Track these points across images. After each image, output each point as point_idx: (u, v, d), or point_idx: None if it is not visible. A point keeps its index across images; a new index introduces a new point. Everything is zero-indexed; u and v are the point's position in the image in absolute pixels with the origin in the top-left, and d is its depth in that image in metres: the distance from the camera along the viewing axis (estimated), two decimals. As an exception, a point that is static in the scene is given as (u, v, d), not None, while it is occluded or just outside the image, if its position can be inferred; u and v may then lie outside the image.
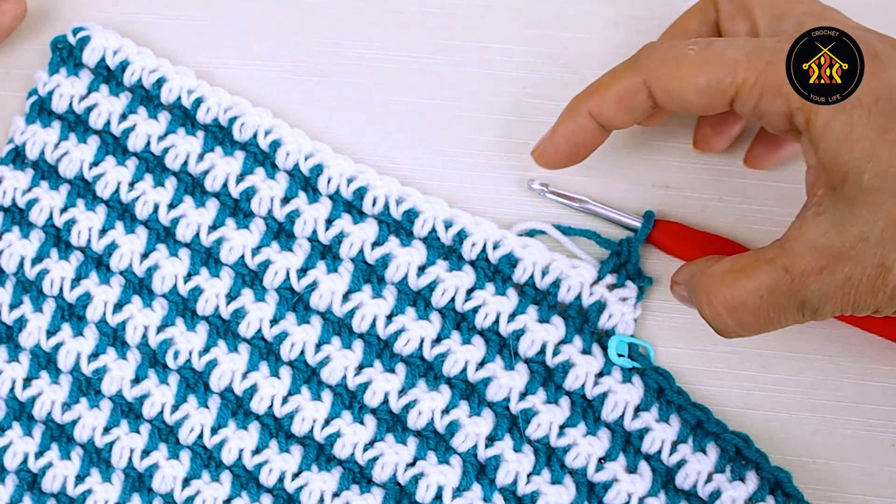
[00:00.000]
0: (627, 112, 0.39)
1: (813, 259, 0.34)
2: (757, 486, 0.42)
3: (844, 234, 0.33)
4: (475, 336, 0.45)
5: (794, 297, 0.35)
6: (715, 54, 0.36)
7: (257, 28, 0.50)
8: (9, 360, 0.47)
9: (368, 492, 0.45)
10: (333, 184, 0.46)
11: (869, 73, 0.34)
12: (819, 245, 0.34)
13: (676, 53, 0.37)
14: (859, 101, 0.33)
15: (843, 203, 0.34)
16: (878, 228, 0.33)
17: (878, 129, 0.33)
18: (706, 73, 0.36)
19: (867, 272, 0.33)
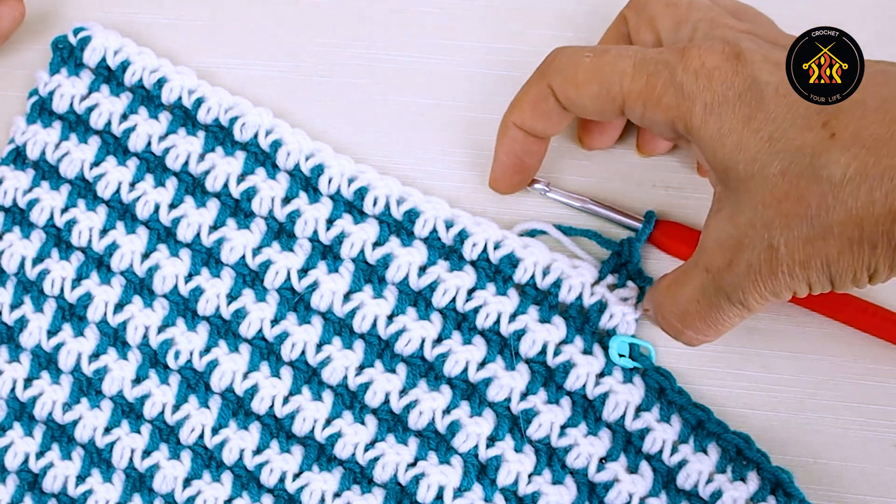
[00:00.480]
0: (544, 117, 0.42)
1: (721, 254, 0.36)
2: (758, 486, 0.42)
3: (737, 224, 0.35)
4: (476, 336, 0.45)
5: (720, 293, 0.37)
6: (607, 63, 0.39)
7: (258, 28, 0.50)
8: (10, 360, 0.47)
9: (369, 492, 0.45)
10: (334, 184, 0.46)
11: (733, 70, 0.35)
12: (722, 239, 0.36)
13: (575, 60, 0.39)
14: (725, 99, 0.35)
15: (732, 196, 0.36)
16: (760, 212, 0.34)
17: (742, 120, 0.35)
18: (598, 81, 0.39)
19: (762, 256, 0.35)
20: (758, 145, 0.34)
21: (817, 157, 0.33)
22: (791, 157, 0.33)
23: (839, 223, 0.33)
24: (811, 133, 0.33)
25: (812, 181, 0.33)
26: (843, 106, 0.33)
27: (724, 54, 0.36)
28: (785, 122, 0.34)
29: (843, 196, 0.32)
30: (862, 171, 0.32)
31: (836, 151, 0.33)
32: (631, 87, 0.38)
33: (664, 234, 0.46)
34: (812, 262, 0.34)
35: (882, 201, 0.32)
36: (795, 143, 0.33)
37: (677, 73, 0.36)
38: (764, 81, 0.35)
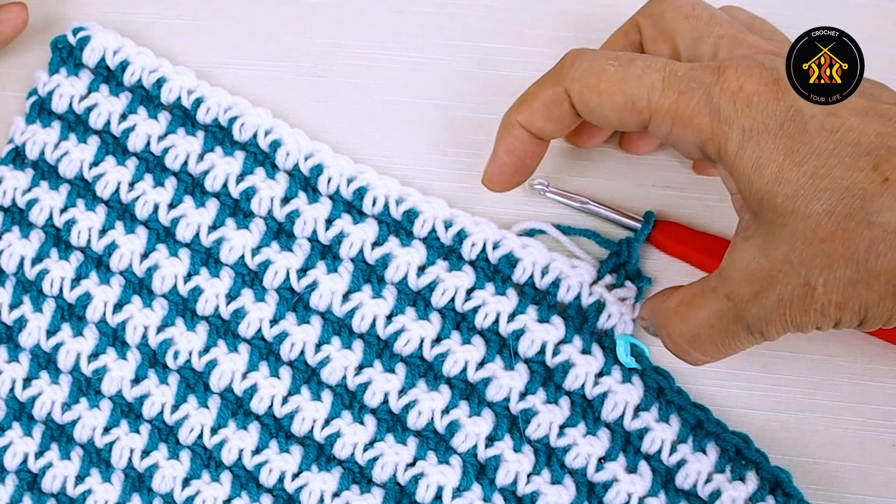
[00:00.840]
0: (555, 121, 0.40)
1: (748, 284, 0.35)
2: (757, 485, 0.42)
3: (771, 258, 0.34)
4: (475, 336, 0.45)
5: (740, 322, 0.36)
6: (633, 75, 0.37)
7: (257, 28, 0.50)
8: (9, 360, 0.47)
9: (368, 492, 0.45)
10: (333, 184, 0.46)
11: (773, 98, 0.34)
12: (750, 270, 0.35)
13: (597, 67, 0.37)
14: (766, 127, 0.34)
15: (765, 227, 0.35)
16: (798, 249, 0.33)
17: (784, 151, 0.34)
18: (623, 92, 0.37)
19: (796, 292, 0.34)
20: (800, 180, 0.33)
21: (869, 201, 0.32)
22: (838, 198, 0.32)
23: (888, 271, 0.32)
24: (861, 174, 0.32)
25: (862, 225, 0.32)
26: (893, 149, 0.32)
27: (763, 79, 0.34)
28: (831, 158, 0.33)
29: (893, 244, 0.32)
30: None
31: (891, 198, 0.32)
32: (660, 102, 0.36)
33: (663, 235, 0.46)
34: (849, 304, 0.33)
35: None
36: (843, 183, 0.32)
37: (713, 94, 0.35)
38: (808, 114, 0.33)
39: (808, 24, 0.37)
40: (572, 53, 0.39)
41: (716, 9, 0.40)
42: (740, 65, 0.35)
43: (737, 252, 0.36)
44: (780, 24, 0.48)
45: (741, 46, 0.38)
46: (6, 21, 0.48)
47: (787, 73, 0.35)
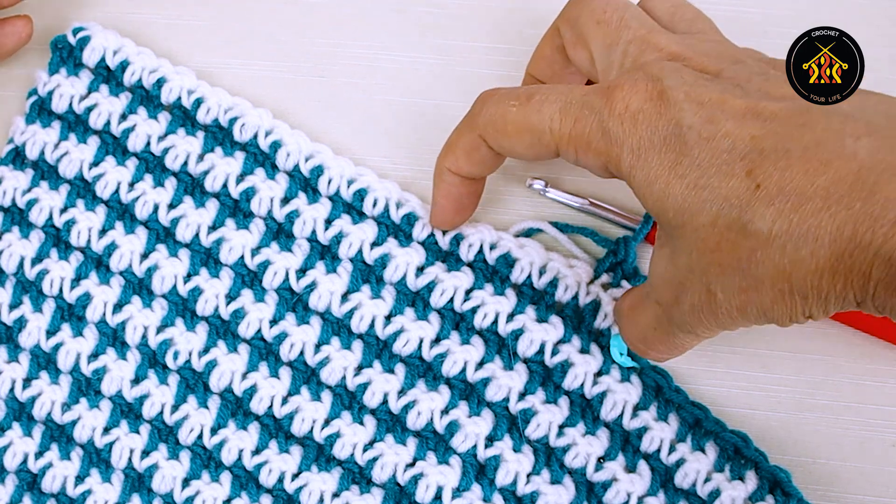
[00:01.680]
0: (479, 164, 0.42)
1: (667, 291, 0.36)
2: (756, 485, 0.42)
3: (677, 266, 0.35)
4: (474, 336, 0.45)
5: (673, 324, 0.37)
6: (533, 111, 0.38)
7: (257, 28, 0.50)
8: (8, 360, 0.47)
9: (368, 492, 0.45)
10: (333, 185, 0.46)
11: (656, 113, 0.35)
12: (665, 278, 0.36)
13: (502, 111, 0.39)
14: (651, 144, 0.35)
15: (669, 238, 0.36)
16: (695, 258, 0.34)
17: (668, 166, 0.34)
18: (528, 130, 0.38)
19: (703, 298, 0.35)
20: (684, 193, 0.34)
21: (744, 210, 0.32)
22: (719, 208, 0.33)
23: (769, 277, 0.32)
24: (736, 181, 0.33)
25: (741, 234, 0.33)
26: (765, 152, 0.32)
27: (647, 93, 0.35)
28: (710, 168, 0.33)
29: (771, 252, 0.32)
30: (787, 228, 0.31)
31: (761, 205, 0.32)
32: (561, 132, 0.37)
33: (663, 234, 0.46)
34: (748, 308, 0.34)
35: (808, 259, 0.31)
36: (721, 193, 0.33)
37: (604, 118, 0.36)
38: (686, 125, 0.34)
39: (808, 24, 0.37)
40: (481, 97, 0.41)
41: (629, 6, 0.40)
42: (627, 83, 0.36)
43: (654, 259, 0.37)
44: (781, 24, 0.48)
45: (647, 50, 0.38)
46: (10, 34, 0.48)
47: (787, 73, 0.35)
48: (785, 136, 0.32)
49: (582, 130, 0.36)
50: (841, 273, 0.31)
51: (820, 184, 0.31)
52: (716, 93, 0.34)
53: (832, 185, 0.31)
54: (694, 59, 0.37)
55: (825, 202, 0.31)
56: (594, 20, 0.40)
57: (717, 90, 0.35)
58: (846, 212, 0.31)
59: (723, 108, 0.34)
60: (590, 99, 0.36)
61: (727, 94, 0.34)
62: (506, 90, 0.40)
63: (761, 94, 0.34)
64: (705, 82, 0.35)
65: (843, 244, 0.31)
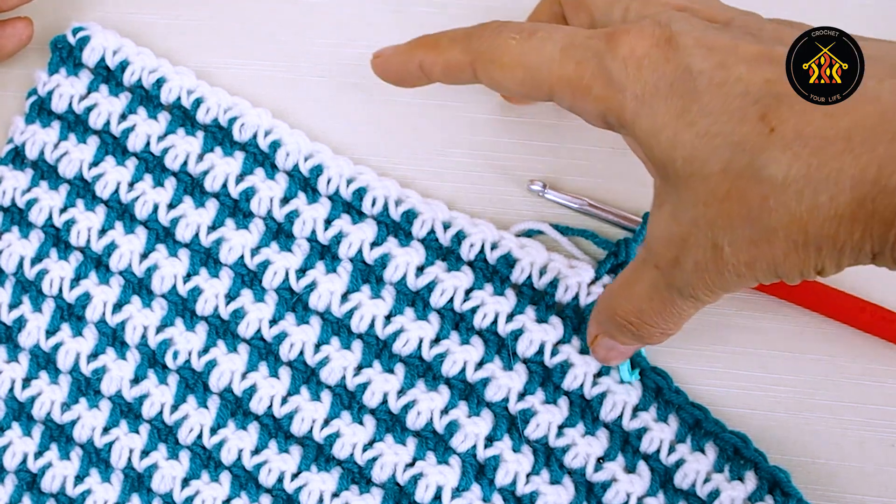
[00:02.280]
0: (453, 80, 0.40)
1: (667, 251, 0.35)
2: (756, 485, 0.42)
3: (681, 222, 0.34)
4: (474, 336, 0.45)
5: (671, 289, 0.35)
6: (533, 48, 0.36)
7: (257, 28, 0.50)
8: (8, 360, 0.47)
9: (367, 492, 0.45)
10: (333, 184, 0.46)
11: (663, 58, 0.33)
12: (667, 237, 0.34)
13: (500, 42, 0.37)
14: (657, 90, 0.33)
15: (673, 191, 0.34)
16: (702, 211, 0.33)
17: (676, 113, 0.33)
18: (523, 66, 0.36)
19: (708, 255, 0.33)
20: (694, 141, 0.32)
21: (757, 155, 0.31)
22: (730, 154, 0.31)
23: (783, 226, 0.31)
24: (748, 126, 0.31)
25: (752, 181, 0.31)
26: (781, 96, 0.31)
27: (654, 39, 0.34)
28: (722, 115, 0.32)
29: (786, 199, 0.31)
30: (805, 173, 0.30)
31: (776, 150, 0.31)
32: (559, 73, 0.35)
33: (662, 234, 0.46)
34: (757, 263, 0.32)
35: (827, 205, 0.30)
36: (733, 139, 0.31)
37: (606, 61, 0.34)
38: (697, 70, 0.32)
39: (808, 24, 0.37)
40: (481, 26, 0.39)
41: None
42: (633, 28, 0.34)
43: (654, 219, 0.36)
44: (780, 23, 0.48)
45: (650, 5, 0.36)
46: (10, 36, 0.48)
47: (787, 73, 0.35)
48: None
49: (582, 74, 0.35)
50: (861, 220, 0.30)
51: (842, 126, 0.30)
52: (727, 38, 0.33)
53: (854, 128, 0.30)
54: (701, 11, 0.36)
55: (847, 144, 0.30)
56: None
57: (728, 36, 0.33)
58: (870, 154, 0.29)
59: (735, 52, 0.32)
60: (593, 42, 0.35)
61: (739, 39, 0.33)
62: (512, 23, 0.38)
63: (775, 40, 0.33)
64: (715, 30, 0.34)
65: (865, 188, 0.29)
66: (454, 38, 0.40)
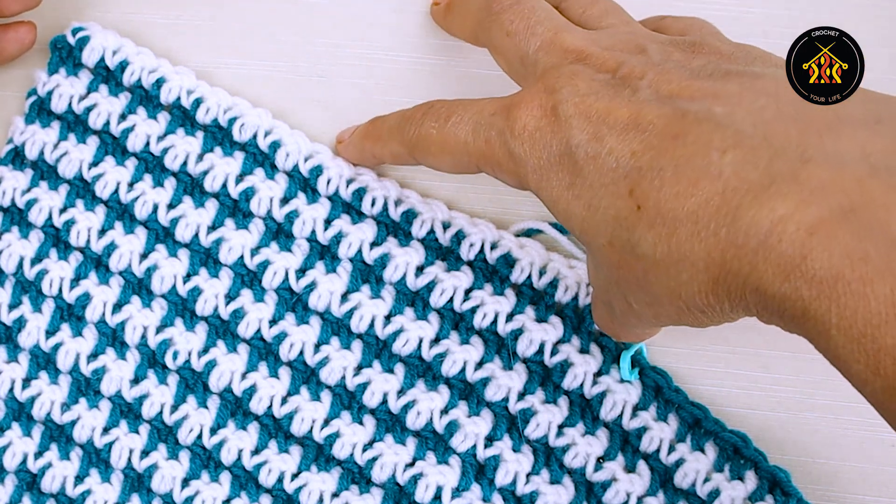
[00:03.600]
0: (403, 164, 0.44)
1: (601, 295, 0.37)
2: (756, 485, 0.42)
3: (599, 279, 0.37)
4: (474, 336, 0.45)
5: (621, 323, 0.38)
6: (450, 134, 0.39)
7: (257, 28, 0.50)
8: (8, 360, 0.47)
9: (367, 492, 0.45)
10: (332, 185, 0.46)
11: (550, 131, 0.35)
12: (596, 285, 0.38)
13: (424, 133, 0.40)
14: (549, 163, 0.35)
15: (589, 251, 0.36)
16: (607, 272, 0.35)
17: (565, 186, 0.34)
18: (447, 152, 0.39)
19: (623, 305, 0.35)
20: (582, 213, 0.34)
21: (631, 232, 0.32)
22: (612, 229, 0.33)
23: (665, 296, 0.32)
24: (622, 202, 0.32)
25: (632, 256, 0.33)
26: (643, 170, 0.32)
27: (542, 111, 0.35)
28: (600, 188, 0.33)
29: (659, 274, 0.32)
30: (667, 252, 0.31)
31: (643, 228, 0.32)
32: (475, 152, 0.38)
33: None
34: (661, 318, 0.34)
35: (690, 282, 0.31)
36: (611, 213, 0.33)
37: (507, 139, 0.36)
38: (575, 143, 0.34)
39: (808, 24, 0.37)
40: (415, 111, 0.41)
41: (537, 8, 0.39)
42: (525, 99, 0.36)
43: (587, 265, 0.38)
44: (781, 24, 0.48)
45: (553, 53, 0.37)
46: (13, 40, 0.48)
47: (787, 73, 0.35)
48: (660, 150, 0.32)
49: (492, 152, 0.37)
50: (723, 294, 0.31)
51: (689, 207, 0.31)
52: (604, 101, 0.34)
53: (700, 209, 0.30)
54: (596, 56, 0.36)
55: (695, 227, 0.30)
56: (504, 33, 0.40)
57: (607, 97, 0.34)
58: (713, 238, 0.30)
59: (607, 121, 0.34)
60: (495, 120, 0.37)
61: (615, 101, 0.34)
62: (435, 108, 0.40)
63: (650, 92, 0.34)
64: (598, 89, 0.35)
65: (715, 270, 0.30)
66: (392, 129, 0.43)
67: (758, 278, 0.29)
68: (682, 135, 0.32)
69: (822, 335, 0.28)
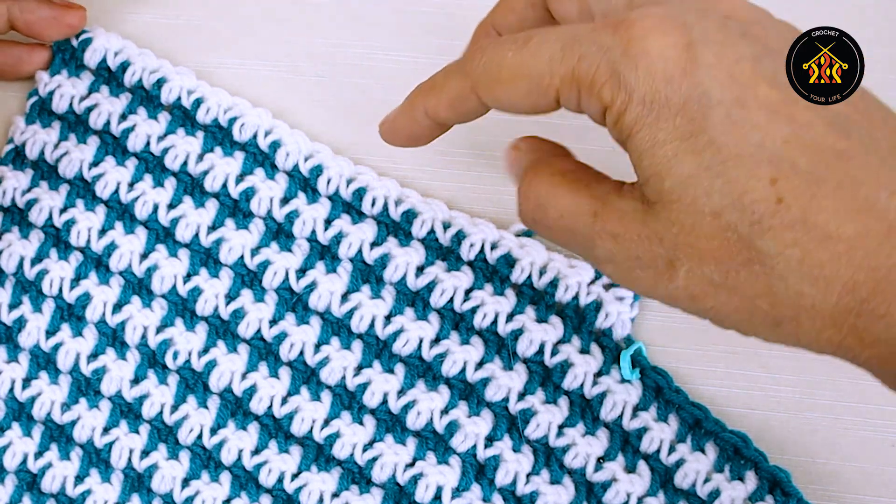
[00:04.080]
0: (463, 114, 0.37)
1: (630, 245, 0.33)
2: (756, 485, 0.42)
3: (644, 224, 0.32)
4: (474, 336, 0.45)
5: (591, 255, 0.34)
6: (531, 55, 0.33)
7: (257, 28, 0.50)
8: (8, 360, 0.47)
9: (368, 492, 0.45)
10: (333, 185, 0.46)
11: (680, 70, 0.30)
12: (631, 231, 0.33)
13: (497, 58, 0.34)
14: (667, 101, 0.30)
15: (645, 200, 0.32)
16: (672, 232, 0.31)
17: (681, 135, 0.30)
18: (526, 76, 0.33)
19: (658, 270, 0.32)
20: (692, 170, 0.30)
21: (759, 221, 0.30)
22: (729, 203, 0.30)
23: (756, 295, 0.30)
24: (757, 185, 0.30)
25: (743, 242, 0.30)
26: (797, 167, 0.29)
27: (673, 41, 0.31)
28: (731, 157, 0.30)
29: (770, 275, 0.30)
30: (800, 259, 0.29)
31: (779, 225, 0.29)
32: (564, 72, 0.32)
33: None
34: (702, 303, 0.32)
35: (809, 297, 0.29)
36: (737, 189, 0.30)
37: (615, 57, 0.31)
38: (715, 99, 0.30)
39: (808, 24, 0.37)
40: (474, 47, 0.37)
41: None
42: (649, 19, 0.31)
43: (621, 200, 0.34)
44: (780, 23, 0.48)
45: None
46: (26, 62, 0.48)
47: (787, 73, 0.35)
48: (819, 157, 0.30)
49: (587, 69, 0.32)
50: (839, 326, 0.29)
51: (848, 230, 0.29)
52: (748, 64, 0.31)
53: (858, 238, 0.29)
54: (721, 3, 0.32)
55: (848, 249, 0.29)
56: None
57: (750, 60, 0.31)
58: (864, 267, 0.29)
59: (756, 93, 0.30)
60: (599, 35, 0.32)
61: (759, 71, 0.31)
62: (505, 37, 0.35)
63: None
64: (736, 42, 0.31)
65: (849, 298, 0.29)
66: (449, 71, 0.37)
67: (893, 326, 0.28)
68: (849, 156, 0.30)
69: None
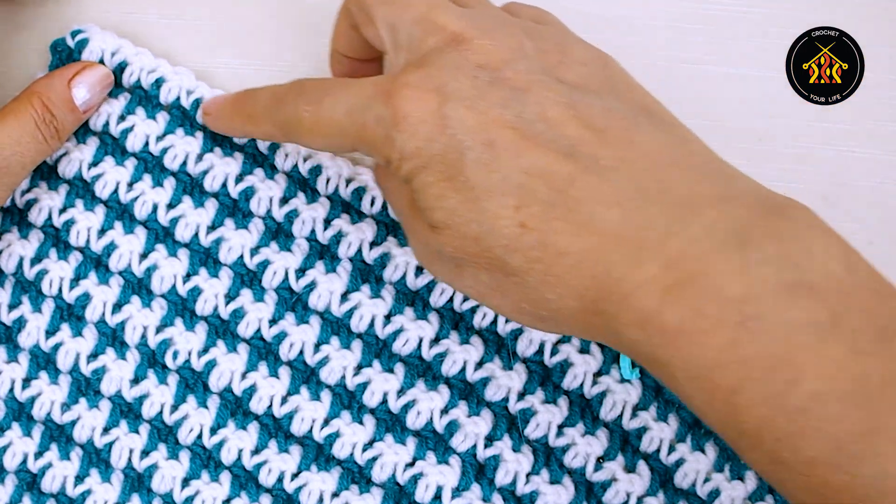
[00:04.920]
0: (277, 141, 0.45)
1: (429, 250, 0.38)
2: (756, 485, 0.42)
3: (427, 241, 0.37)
4: (473, 336, 0.45)
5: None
6: (324, 117, 0.38)
7: (257, 28, 0.50)
8: (8, 360, 0.47)
9: (367, 492, 0.45)
10: (332, 184, 0.46)
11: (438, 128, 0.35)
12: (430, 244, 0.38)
13: (298, 114, 0.39)
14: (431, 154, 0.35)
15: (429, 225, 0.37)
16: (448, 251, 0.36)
17: (445, 177, 0.35)
18: (320, 134, 0.39)
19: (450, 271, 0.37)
20: (456, 205, 0.35)
21: (508, 245, 0.34)
22: (487, 231, 0.34)
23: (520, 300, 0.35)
24: (506, 213, 0.34)
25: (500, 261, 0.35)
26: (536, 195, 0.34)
27: (427, 104, 0.35)
28: (482, 192, 0.34)
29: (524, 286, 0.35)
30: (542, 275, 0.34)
31: (524, 247, 0.34)
32: (351, 134, 0.37)
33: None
34: (488, 301, 0.37)
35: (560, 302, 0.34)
36: (488, 216, 0.34)
37: (387, 125, 0.36)
38: (467, 145, 0.35)
39: (808, 24, 0.37)
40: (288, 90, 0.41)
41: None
42: (407, 87, 0.36)
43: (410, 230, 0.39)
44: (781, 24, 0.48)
45: (430, 32, 0.37)
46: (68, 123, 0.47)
47: (786, 73, 0.35)
48: (552, 184, 0.34)
49: (370, 136, 0.37)
50: (588, 323, 0.34)
51: (575, 246, 0.33)
52: (495, 110, 0.35)
53: (583, 252, 0.33)
54: (476, 44, 0.36)
55: (575, 264, 0.33)
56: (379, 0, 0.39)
57: (498, 105, 0.35)
58: (589, 280, 0.33)
59: (501, 134, 0.35)
60: (376, 105, 0.36)
61: (505, 114, 0.35)
62: (307, 89, 0.40)
63: (536, 112, 0.35)
64: (484, 91, 0.35)
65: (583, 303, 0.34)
66: (264, 110, 0.42)
67: (618, 323, 0.33)
68: (572, 179, 0.34)
69: (668, 376, 0.33)
